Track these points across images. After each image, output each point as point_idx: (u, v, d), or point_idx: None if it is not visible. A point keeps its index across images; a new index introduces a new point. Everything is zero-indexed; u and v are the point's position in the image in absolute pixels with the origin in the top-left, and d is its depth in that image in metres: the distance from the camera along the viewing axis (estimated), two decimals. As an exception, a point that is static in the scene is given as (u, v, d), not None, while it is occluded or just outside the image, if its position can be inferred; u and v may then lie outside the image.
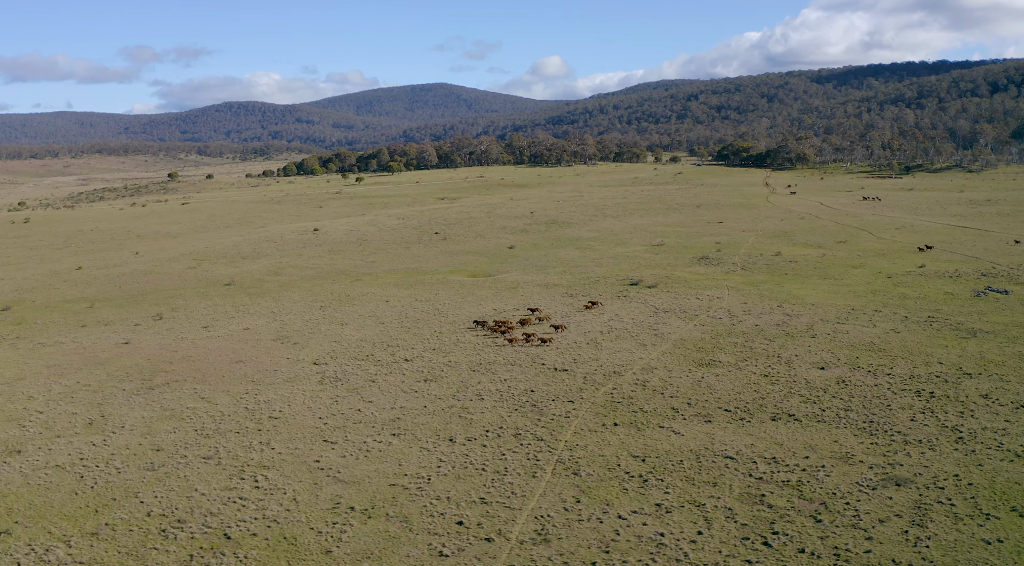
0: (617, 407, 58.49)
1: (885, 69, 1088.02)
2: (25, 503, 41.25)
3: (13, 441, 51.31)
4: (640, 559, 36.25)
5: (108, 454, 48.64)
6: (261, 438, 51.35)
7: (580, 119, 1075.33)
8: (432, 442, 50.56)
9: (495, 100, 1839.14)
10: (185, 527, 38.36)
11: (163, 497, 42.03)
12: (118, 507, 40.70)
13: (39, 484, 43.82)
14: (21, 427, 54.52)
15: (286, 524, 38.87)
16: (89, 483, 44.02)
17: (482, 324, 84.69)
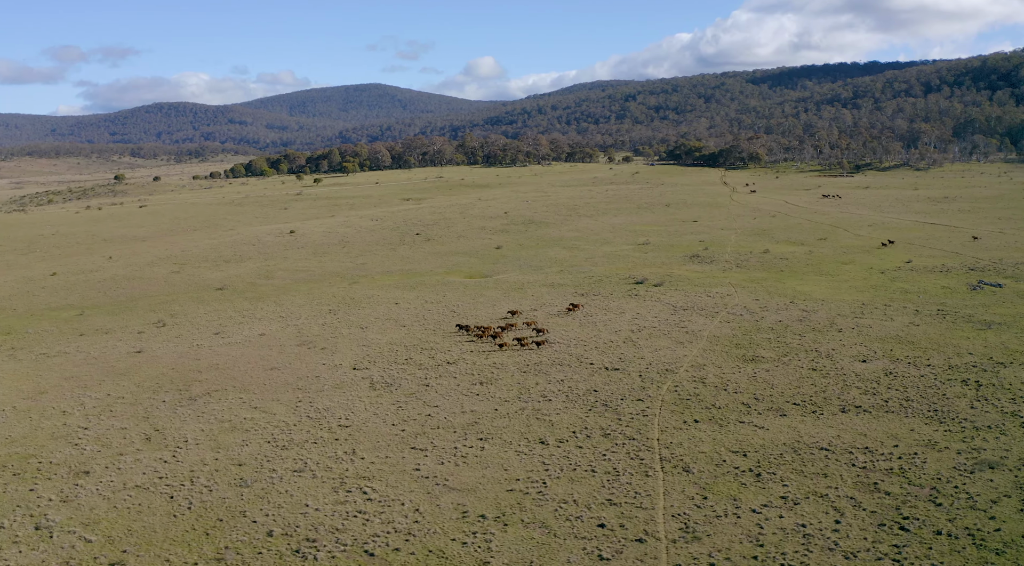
0: (688, 404, 58.38)
1: (818, 70, 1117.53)
2: (123, 529, 38.71)
3: (74, 461, 48.31)
4: (796, 550, 36.33)
5: (187, 471, 46.25)
6: (343, 447, 49.63)
7: (518, 120, 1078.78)
8: (524, 445, 49.61)
9: (430, 100, 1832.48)
10: (320, 546, 36.56)
11: (275, 515, 40.04)
12: (230, 528, 38.54)
13: (128, 507, 41.25)
14: (74, 445, 51.53)
15: (424, 537, 37.48)
16: (183, 504, 41.62)
17: (466, 328, 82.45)
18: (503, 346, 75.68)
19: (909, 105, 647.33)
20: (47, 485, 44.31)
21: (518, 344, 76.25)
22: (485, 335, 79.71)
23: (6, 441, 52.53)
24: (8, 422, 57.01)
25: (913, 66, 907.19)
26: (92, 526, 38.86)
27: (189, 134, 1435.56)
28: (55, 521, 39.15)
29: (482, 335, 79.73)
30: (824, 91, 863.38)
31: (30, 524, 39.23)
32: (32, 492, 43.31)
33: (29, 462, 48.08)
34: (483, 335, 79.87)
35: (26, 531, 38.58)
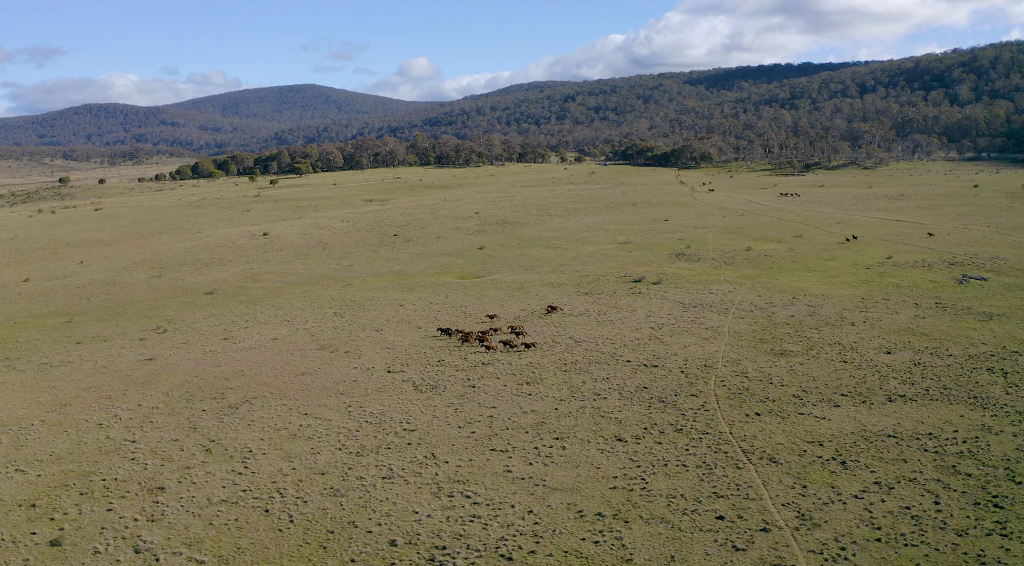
0: (741, 398, 59.28)
1: (753, 71, 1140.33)
2: (231, 548, 37.10)
3: (140, 477, 46.15)
4: (911, 531, 37.60)
5: (268, 483, 44.82)
6: (420, 452, 48.93)
7: (458, 120, 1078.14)
8: (604, 443, 49.74)
9: (365, 101, 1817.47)
10: (452, 553, 35.85)
11: (387, 523, 39.12)
12: (346, 540, 37.43)
13: (225, 524, 39.63)
14: (131, 460, 49.43)
15: (552, 538, 37.23)
16: (282, 518, 40.15)
17: (448, 331, 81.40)
18: (513, 346, 75.02)
19: (847, 105, 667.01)
20: (124, 504, 42.26)
21: (517, 346, 75.40)
22: (487, 338, 77.88)
23: (53, 458, 50.12)
24: (45, 437, 54.47)
25: (847, 67, 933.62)
26: (196, 546, 37.25)
27: (120, 136, 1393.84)
28: (153, 542, 37.30)
29: (483, 339, 77.70)
30: (761, 92, 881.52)
31: (127, 547, 37.33)
32: (112, 512, 41.26)
33: (92, 480, 45.92)
34: (466, 338, 78.30)
35: (127, 555, 36.57)
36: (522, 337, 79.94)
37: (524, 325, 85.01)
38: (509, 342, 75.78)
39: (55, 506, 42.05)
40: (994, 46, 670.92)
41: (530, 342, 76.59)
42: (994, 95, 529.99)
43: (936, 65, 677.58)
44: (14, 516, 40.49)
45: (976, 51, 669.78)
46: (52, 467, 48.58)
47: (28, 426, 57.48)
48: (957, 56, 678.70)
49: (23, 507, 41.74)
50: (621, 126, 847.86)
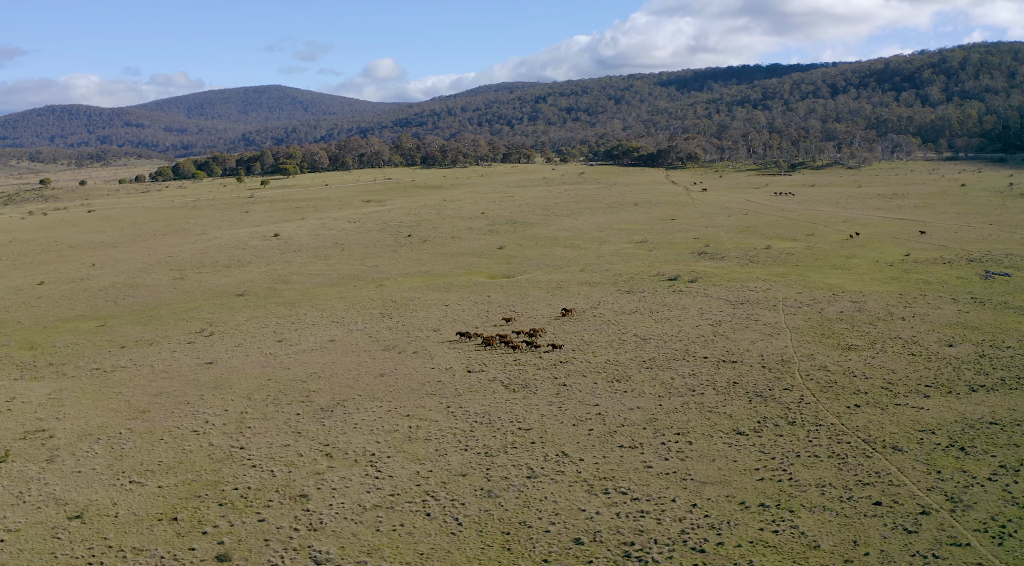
0: (833, 390, 60.55)
1: (723, 72, 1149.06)
2: (414, 554, 36.20)
3: (275, 485, 45.10)
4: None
5: (411, 486, 44.45)
6: (548, 450, 49.31)
7: (428, 121, 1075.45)
8: (727, 437, 50.60)
9: (331, 102, 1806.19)
10: (643, 548, 36.45)
11: (560, 522, 39.32)
12: (527, 541, 37.42)
13: (395, 530, 38.89)
14: (252, 467, 48.53)
15: (731, 529, 37.93)
16: (447, 521, 39.81)
17: (467, 335, 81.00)
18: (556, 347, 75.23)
19: (820, 106, 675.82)
20: (273, 513, 41.47)
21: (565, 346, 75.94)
22: (519, 338, 78.13)
23: (164, 468, 48.98)
24: (141, 446, 53.17)
25: (816, 68, 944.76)
26: (376, 554, 36.72)
27: (84, 138, 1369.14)
28: (330, 552, 36.65)
29: (527, 338, 77.85)
30: (733, 93, 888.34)
31: (304, 558, 36.55)
32: (265, 523, 40.49)
33: (223, 490, 45.11)
34: (524, 338, 78.30)
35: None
36: (585, 334, 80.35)
37: (581, 323, 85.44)
38: (555, 344, 75.68)
39: (199, 518, 41.20)
40: (962, 47, 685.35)
41: (591, 340, 76.93)
42: (964, 96, 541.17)
43: (906, 66, 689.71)
44: (160, 531, 39.57)
45: (944, 52, 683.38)
46: (169, 478, 47.57)
47: (116, 435, 56.36)
48: (926, 57, 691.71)
49: (164, 521, 40.83)
50: (595, 126, 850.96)
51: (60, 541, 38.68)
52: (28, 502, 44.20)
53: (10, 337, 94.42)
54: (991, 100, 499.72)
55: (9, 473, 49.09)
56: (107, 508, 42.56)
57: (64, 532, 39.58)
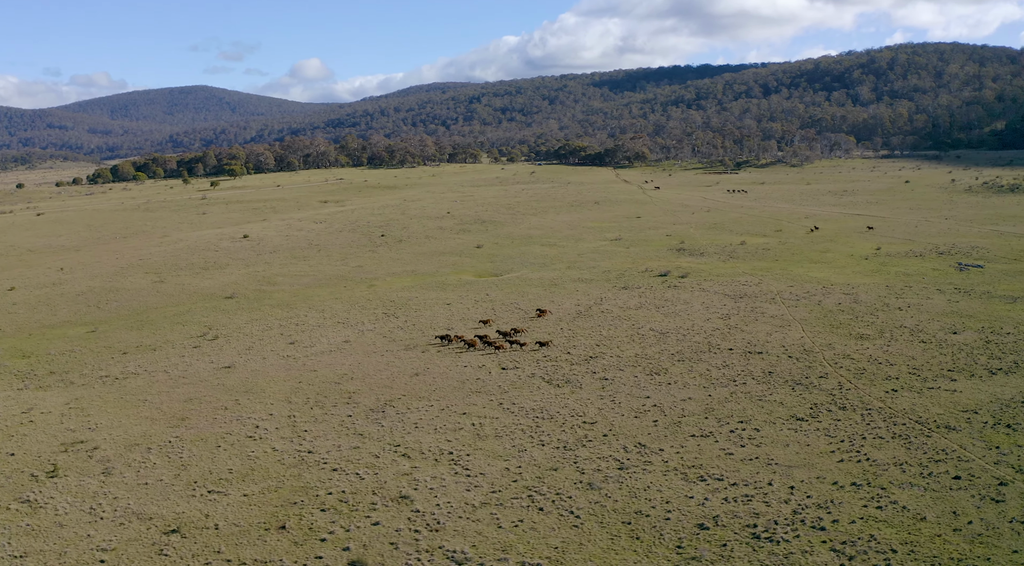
0: (865, 376, 63.28)
1: (655, 73, 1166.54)
2: (549, 549, 35.93)
3: (369, 488, 44.06)
4: None
5: (508, 483, 44.01)
6: (625, 442, 50.13)
7: (361, 122, 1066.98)
8: (789, 423, 52.50)
9: (259, 103, 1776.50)
10: (770, 530, 37.67)
11: (675, 509, 40.00)
12: (652, 529, 38.06)
13: (515, 526, 38.51)
14: (333, 470, 47.14)
15: (837, 508, 39.44)
16: (564, 514, 39.77)
17: (446, 337, 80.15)
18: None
19: (754, 105, 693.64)
20: (384, 516, 40.55)
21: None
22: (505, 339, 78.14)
23: (238, 477, 47.31)
24: (203, 455, 51.30)
25: (747, 69, 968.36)
26: (511, 550, 36.38)
27: (5, 140, 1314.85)
28: (466, 552, 36.18)
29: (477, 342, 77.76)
30: (666, 93, 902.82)
31: (443, 559, 35.87)
32: (380, 526, 39.56)
33: (318, 495, 43.74)
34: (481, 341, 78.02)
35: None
36: (602, 330, 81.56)
37: (592, 320, 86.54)
38: (540, 342, 76.46)
39: (309, 525, 40.00)
40: (890, 48, 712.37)
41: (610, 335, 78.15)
42: (894, 95, 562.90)
43: (835, 66, 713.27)
44: (273, 541, 38.28)
45: (873, 53, 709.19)
46: (249, 485, 46.04)
47: (166, 444, 54.53)
48: (854, 58, 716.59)
49: (271, 530, 39.61)
50: (531, 126, 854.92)
51: (169, 557, 37.26)
52: (107, 518, 42.41)
53: (0, 345, 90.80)
54: (920, 99, 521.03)
55: (68, 488, 47.08)
56: (200, 520, 41.23)
57: (169, 548, 38.13)
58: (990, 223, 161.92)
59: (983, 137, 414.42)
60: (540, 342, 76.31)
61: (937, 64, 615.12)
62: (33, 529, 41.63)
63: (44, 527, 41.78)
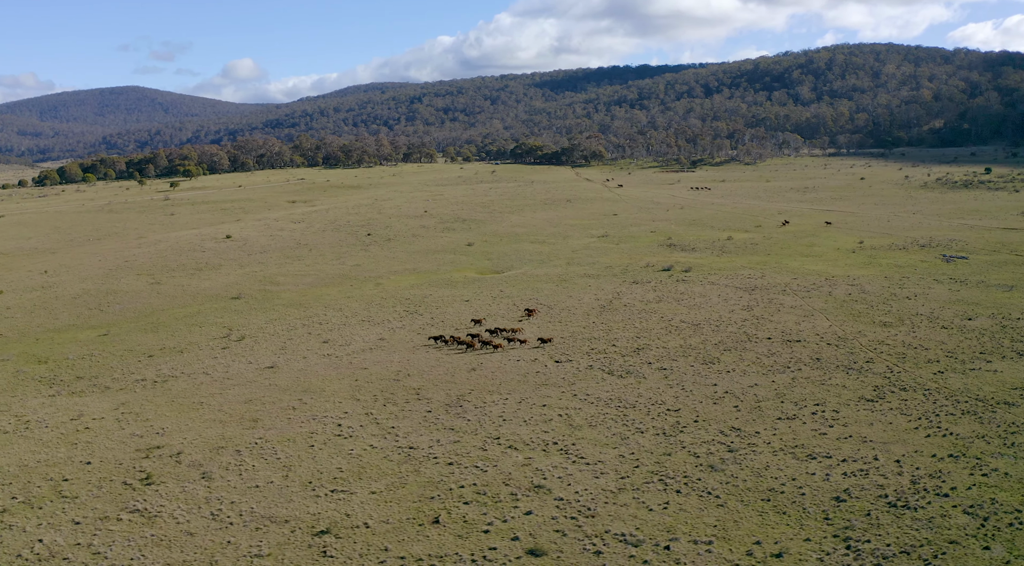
0: (908, 360, 66.73)
1: (595, 74, 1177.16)
2: (707, 527, 37.67)
3: (499, 480, 44.62)
4: None
5: (631, 469, 44.91)
6: (719, 427, 51.85)
7: (300, 122, 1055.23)
8: (859, 404, 55.62)
9: (193, 103, 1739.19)
10: (902, 498, 39.93)
11: (805, 486, 41.99)
12: (791, 504, 39.84)
13: (663, 508, 39.81)
14: (449, 464, 47.33)
15: (948, 477, 42.32)
16: (703, 496, 41.02)
17: (441, 338, 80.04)
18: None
19: (697, 105, 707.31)
20: (531, 506, 41.07)
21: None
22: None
23: (353, 475, 46.77)
24: (301, 456, 50.45)
25: (687, 69, 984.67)
26: (675, 530, 37.59)
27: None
28: (635, 534, 37.18)
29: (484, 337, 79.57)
30: (609, 93, 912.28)
31: (614, 542, 36.72)
32: (535, 515, 40.09)
33: (451, 488, 43.88)
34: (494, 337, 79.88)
35: (658, 554, 35.94)
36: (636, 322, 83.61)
37: (619, 314, 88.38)
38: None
39: (463, 518, 40.07)
40: (827, 49, 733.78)
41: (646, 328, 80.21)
42: (833, 95, 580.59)
43: (774, 67, 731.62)
44: (436, 535, 38.23)
45: (811, 54, 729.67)
46: (370, 484, 45.42)
47: (252, 446, 52.92)
48: (793, 58, 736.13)
49: (425, 525, 39.68)
50: (475, 127, 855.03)
51: (335, 559, 36.82)
52: (237, 524, 41.57)
53: (6, 350, 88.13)
54: (859, 98, 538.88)
55: (173, 495, 45.90)
56: (343, 519, 40.90)
57: (332, 549, 37.72)
58: (957, 217, 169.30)
59: (923, 135, 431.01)
60: (541, 339, 77.10)
61: (874, 64, 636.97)
62: (161, 539, 40.61)
63: (173, 537, 40.80)
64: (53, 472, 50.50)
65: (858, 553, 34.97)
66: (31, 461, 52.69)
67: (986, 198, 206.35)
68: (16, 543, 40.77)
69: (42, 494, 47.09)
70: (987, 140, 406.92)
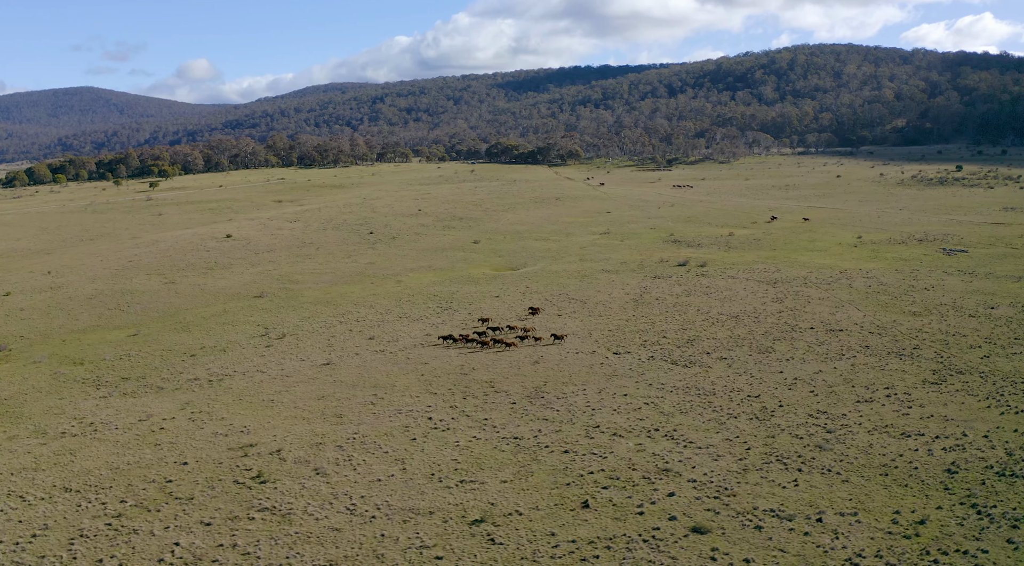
0: (955, 346, 70.17)
1: (556, 74, 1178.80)
2: (847, 501, 39.73)
3: (623, 466, 45.64)
4: None
5: (743, 451, 46.92)
6: (805, 410, 54.37)
7: (261, 123, 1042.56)
8: (925, 387, 58.58)
9: (149, 104, 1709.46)
10: (1007, 470, 42.66)
11: (914, 459, 44.83)
12: (910, 476, 42.65)
13: (795, 485, 41.93)
14: (565, 452, 48.32)
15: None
16: (826, 473, 43.28)
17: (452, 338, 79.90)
18: None
19: (663, 105, 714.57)
20: (670, 488, 42.54)
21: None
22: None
23: (471, 466, 47.32)
24: (408, 450, 50.51)
25: (649, 69, 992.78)
26: (821, 503, 39.71)
27: None
28: (784, 510, 38.98)
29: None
30: (573, 93, 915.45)
31: (770, 518, 38.36)
32: (677, 497, 41.63)
33: (581, 475, 44.97)
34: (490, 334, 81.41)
35: (812, 525, 37.84)
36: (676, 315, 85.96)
37: (655, 307, 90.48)
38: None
39: (609, 501, 41.29)
40: (789, 49, 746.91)
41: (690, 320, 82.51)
42: (796, 95, 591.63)
43: (737, 67, 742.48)
44: (595, 519, 39.29)
45: (772, 54, 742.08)
46: (496, 473, 46.14)
47: (350, 441, 52.73)
48: (755, 59, 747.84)
49: (577, 510, 40.93)
50: (439, 127, 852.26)
51: (504, 546, 37.42)
52: (380, 517, 41.59)
53: (34, 352, 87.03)
54: (822, 98, 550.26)
55: (296, 491, 45.74)
56: (490, 508, 41.52)
57: (497, 536, 38.36)
58: (942, 213, 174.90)
59: (886, 134, 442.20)
60: (555, 335, 78.08)
61: (835, 65, 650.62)
62: (308, 536, 40.28)
63: (319, 533, 40.46)
64: (151, 474, 49.91)
65: (990, 517, 37.37)
66: (120, 463, 52.07)
67: (964, 195, 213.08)
68: (151, 547, 40.31)
69: (151, 496, 46.45)
70: (949, 138, 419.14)
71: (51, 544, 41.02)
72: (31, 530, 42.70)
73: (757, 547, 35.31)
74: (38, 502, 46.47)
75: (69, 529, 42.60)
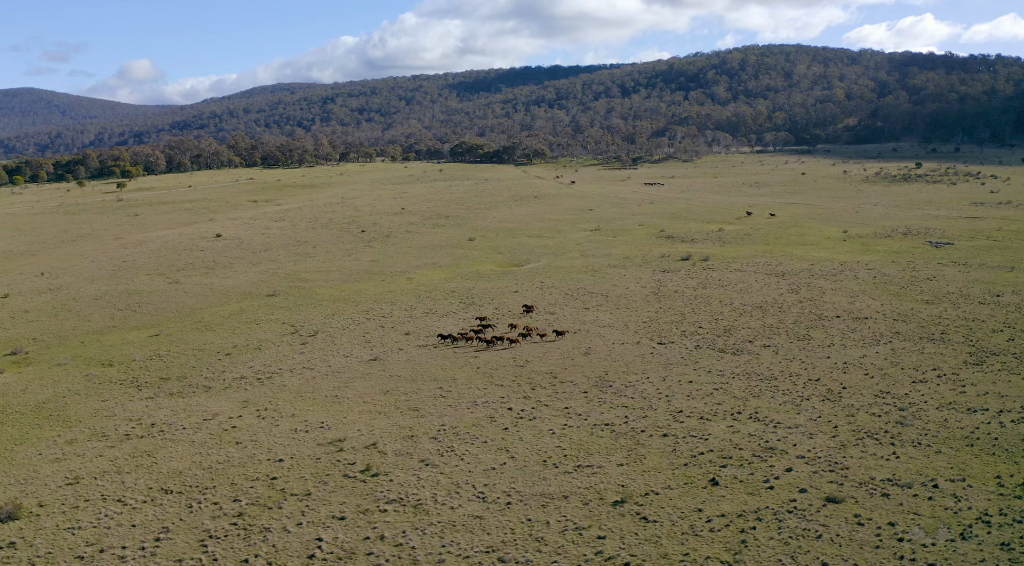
0: (975, 332, 74.62)
1: (507, 74, 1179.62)
2: (950, 470, 42.38)
3: (722, 448, 47.10)
4: None
5: (830, 428, 49.67)
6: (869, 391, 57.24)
7: (210, 123, 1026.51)
8: (969, 369, 62.37)
9: (91, 106, 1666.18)
10: None
11: (994, 432, 48.16)
12: (993, 446, 46.16)
13: (897, 458, 44.49)
14: (663, 436, 49.69)
15: None
16: (919, 446, 46.08)
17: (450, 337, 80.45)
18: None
19: (618, 104, 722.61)
20: (789, 463, 44.97)
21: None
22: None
23: (580, 453, 48.24)
24: (508, 438, 51.52)
25: (601, 69, 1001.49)
26: (927, 473, 42.41)
27: None
28: (908, 481, 41.26)
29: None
30: (526, 93, 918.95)
31: (897, 490, 40.85)
32: (794, 472, 43.69)
33: (695, 456, 46.95)
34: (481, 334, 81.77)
35: (930, 492, 40.23)
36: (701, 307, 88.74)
37: (676, 300, 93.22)
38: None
39: (736, 478, 43.27)
40: (739, 50, 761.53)
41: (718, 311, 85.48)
42: (748, 94, 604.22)
43: (689, 67, 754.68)
44: (732, 495, 41.11)
45: (723, 54, 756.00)
46: (608, 458, 47.45)
47: (439, 432, 53.45)
48: (706, 59, 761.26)
49: (707, 487, 42.81)
50: (393, 127, 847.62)
51: (658, 523, 38.84)
52: (515, 503, 42.28)
53: (54, 354, 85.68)
54: (774, 98, 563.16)
55: (412, 483, 45.96)
56: (619, 490, 42.85)
57: (648, 514, 39.74)
58: (915, 208, 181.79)
59: (839, 133, 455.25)
60: (557, 331, 79.62)
61: (785, 65, 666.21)
62: (451, 525, 40.56)
63: (462, 521, 40.82)
64: (250, 472, 49.39)
65: (1088, 479, 40.65)
66: (209, 463, 51.42)
67: (930, 191, 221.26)
68: (292, 544, 39.80)
69: (263, 494, 45.95)
70: (900, 137, 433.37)
71: (181, 547, 40.23)
72: (151, 534, 41.72)
73: (893, 512, 37.94)
74: (141, 505, 45.46)
75: (193, 531, 41.81)
